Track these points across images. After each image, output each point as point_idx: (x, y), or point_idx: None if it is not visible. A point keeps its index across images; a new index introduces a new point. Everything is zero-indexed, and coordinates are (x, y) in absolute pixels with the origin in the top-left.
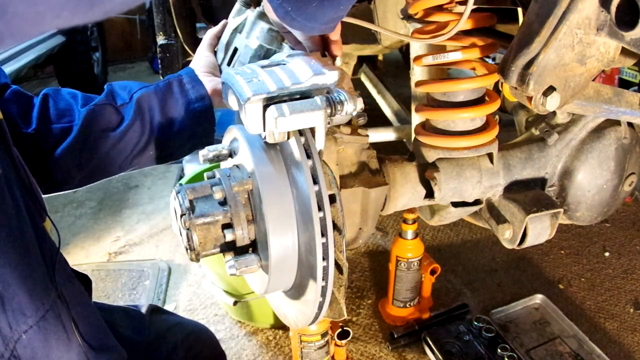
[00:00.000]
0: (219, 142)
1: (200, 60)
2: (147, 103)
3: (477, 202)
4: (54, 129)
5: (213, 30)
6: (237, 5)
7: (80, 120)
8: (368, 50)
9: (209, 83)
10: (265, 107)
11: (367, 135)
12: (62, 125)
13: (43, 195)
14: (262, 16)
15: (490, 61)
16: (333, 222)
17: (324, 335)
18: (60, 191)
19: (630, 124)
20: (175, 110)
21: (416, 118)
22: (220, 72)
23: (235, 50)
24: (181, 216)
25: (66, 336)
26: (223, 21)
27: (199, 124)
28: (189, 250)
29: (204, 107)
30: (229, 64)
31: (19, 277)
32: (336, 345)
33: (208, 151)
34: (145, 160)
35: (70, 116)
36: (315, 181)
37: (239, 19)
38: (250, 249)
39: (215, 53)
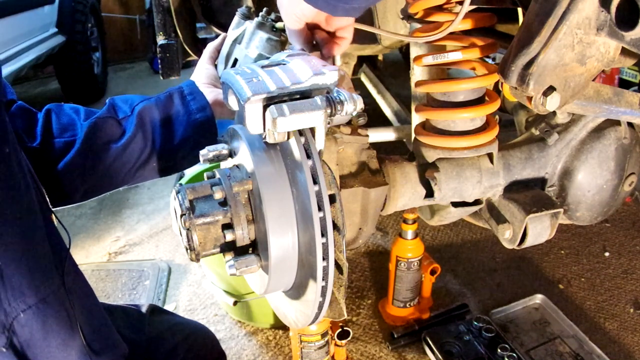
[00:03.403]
0: (220, 142)
1: (200, 73)
2: (148, 115)
3: (477, 202)
4: (57, 142)
5: (213, 44)
6: (236, 19)
7: (83, 133)
8: (368, 50)
9: (210, 94)
10: (265, 107)
11: (367, 135)
12: (65, 139)
13: None
14: (261, 26)
15: (490, 61)
16: (333, 222)
17: (324, 335)
18: (65, 204)
19: (630, 124)
20: (177, 121)
21: (416, 118)
22: None
23: (236, 61)
24: (181, 216)
25: (69, 325)
26: (222, 34)
27: (200, 134)
28: (189, 250)
29: (205, 118)
30: None
31: (21, 257)
32: (336, 345)
33: (208, 151)
34: (148, 173)
35: (73, 130)
36: (315, 181)
37: (238, 31)
38: (250, 249)
39: (216, 66)
